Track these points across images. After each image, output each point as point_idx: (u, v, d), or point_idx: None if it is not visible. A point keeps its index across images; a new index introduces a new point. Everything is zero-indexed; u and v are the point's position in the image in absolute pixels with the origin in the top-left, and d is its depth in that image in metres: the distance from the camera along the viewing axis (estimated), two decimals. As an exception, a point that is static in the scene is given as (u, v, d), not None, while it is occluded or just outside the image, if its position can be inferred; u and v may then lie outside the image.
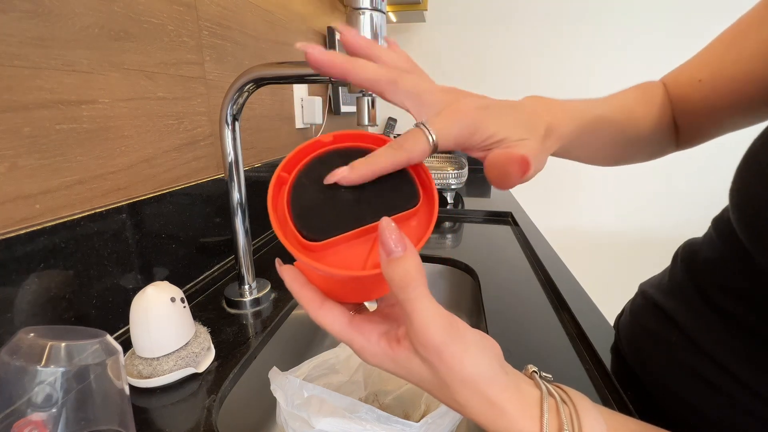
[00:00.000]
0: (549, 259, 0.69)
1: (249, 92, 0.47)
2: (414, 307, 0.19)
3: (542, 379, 0.23)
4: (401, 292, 0.19)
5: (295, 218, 0.22)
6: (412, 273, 0.19)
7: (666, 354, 0.34)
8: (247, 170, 0.72)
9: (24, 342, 0.24)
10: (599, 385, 0.40)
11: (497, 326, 0.50)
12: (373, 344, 0.22)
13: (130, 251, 0.47)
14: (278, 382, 0.36)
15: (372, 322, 0.23)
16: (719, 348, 0.30)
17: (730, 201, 0.30)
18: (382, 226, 0.20)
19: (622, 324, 0.45)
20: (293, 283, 0.23)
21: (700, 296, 0.33)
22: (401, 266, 0.19)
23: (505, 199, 1.18)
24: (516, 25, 1.54)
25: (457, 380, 0.20)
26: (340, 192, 0.23)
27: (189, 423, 0.35)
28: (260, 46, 0.77)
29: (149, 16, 0.49)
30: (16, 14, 0.35)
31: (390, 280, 0.19)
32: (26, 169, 0.36)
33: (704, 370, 0.30)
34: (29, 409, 0.23)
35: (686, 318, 0.33)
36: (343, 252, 0.22)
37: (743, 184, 0.28)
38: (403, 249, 0.19)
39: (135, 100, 0.48)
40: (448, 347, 0.19)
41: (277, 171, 0.24)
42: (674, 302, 0.35)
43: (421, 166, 0.25)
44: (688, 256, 0.37)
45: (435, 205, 0.24)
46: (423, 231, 0.23)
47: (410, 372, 0.21)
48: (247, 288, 0.55)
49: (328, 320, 0.23)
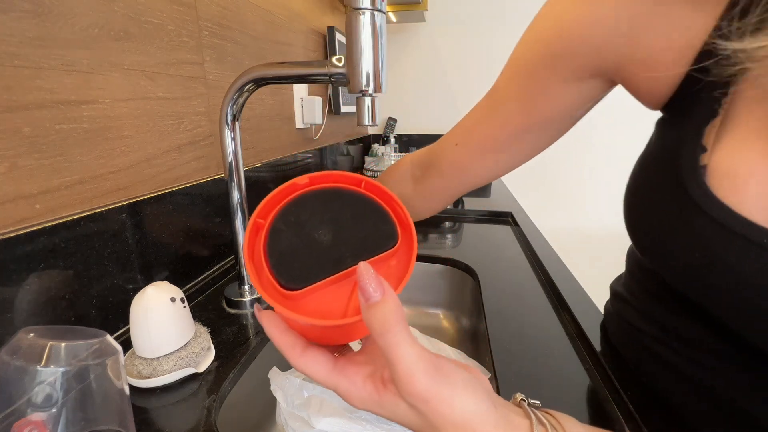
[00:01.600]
0: (549, 259, 0.69)
1: (249, 92, 0.47)
2: (395, 354, 0.19)
3: (531, 407, 0.23)
4: (381, 338, 0.19)
5: (272, 266, 0.21)
6: (391, 318, 0.19)
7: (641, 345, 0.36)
8: (247, 170, 0.72)
9: (24, 342, 0.24)
10: (599, 385, 0.40)
11: (497, 326, 0.50)
12: (359, 388, 0.22)
13: (130, 251, 0.47)
14: (278, 382, 0.36)
15: (356, 364, 0.23)
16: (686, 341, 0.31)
17: (629, 235, 0.33)
18: (360, 271, 0.20)
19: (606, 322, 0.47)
20: (272, 329, 0.23)
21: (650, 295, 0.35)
22: (380, 311, 0.19)
23: (505, 199, 1.18)
24: (516, 24, 1.54)
25: (447, 424, 0.19)
26: (318, 234, 0.23)
27: (189, 423, 0.35)
28: (260, 46, 0.77)
29: (149, 16, 0.49)
30: (16, 14, 0.35)
31: (369, 326, 0.19)
32: (26, 169, 0.36)
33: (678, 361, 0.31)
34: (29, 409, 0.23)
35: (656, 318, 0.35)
36: (323, 297, 0.22)
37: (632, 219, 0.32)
38: (382, 293, 0.19)
39: (135, 100, 0.48)
40: (435, 394, 0.19)
41: (253, 217, 0.23)
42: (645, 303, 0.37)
43: (397, 202, 0.25)
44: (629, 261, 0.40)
45: (414, 242, 0.24)
46: (403, 271, 0.23)
47: (397, 416, 0.21)
48: (247, 288, 0.55)
49: (311, 369, 0.22)
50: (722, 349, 0.28)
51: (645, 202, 0.29)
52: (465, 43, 1.63)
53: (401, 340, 0.19)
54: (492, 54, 1.61)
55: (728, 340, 0.27)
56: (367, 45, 0.39)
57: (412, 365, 0.19)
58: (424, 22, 1.61)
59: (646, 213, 0.29)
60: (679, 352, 0.31)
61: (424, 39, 1.66)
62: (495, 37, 1.59)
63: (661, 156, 0.28)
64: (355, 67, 0.40)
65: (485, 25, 1.59)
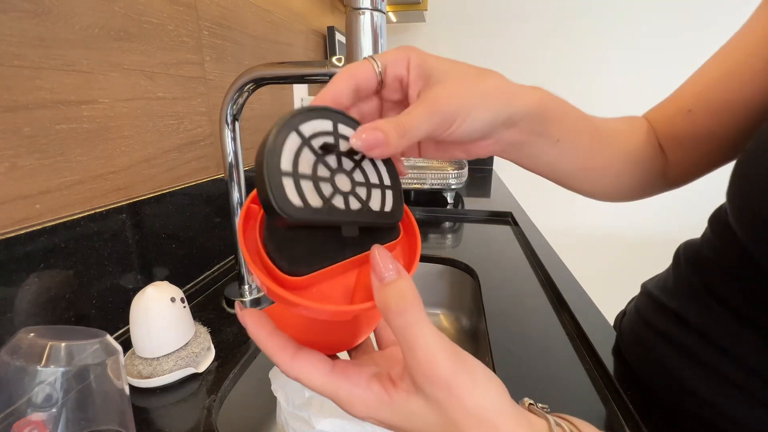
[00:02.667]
0: (549, 259, 0.69)
1: (249, 92, 0.47)
2: (415, 333, 0.17)
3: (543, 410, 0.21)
4: (398, 317, 0.17)
5: (271, 252, 0.19)
6: (409, 296, 0.17)
7: (680, 353, 0.34)
8: (247, 170, 0.72)
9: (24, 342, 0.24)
10: (599, 385, 0.40)
11: (497, 326, 0.50)
12: (364, 390, 0.19)
13: (130, 251, 0.47)
14: (279, 382, 0.36)
15: (358, 365, 0.20)
16: (734, 343, 0.30)
17: (728, 204, 0.30)
18: (374, 252, 0.19)
19: (624, 325, 0.45)
20: (258, 329, 0.20)
21: (708, 294, 0.33)
22: (396, 288, 0.17)
23: (505, 199, 1.18)
24: (516, 24, 1.54)
25: (467, 415, 0.17)
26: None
27: (189, 423, 0.35)
28: (260, 46, 0.77)
29: (149, 16, 0.49)
30: (16, 14, 0.35)
31: (384, 306, 0.18)
32: (26, 169, 0.36)
33: (721, 366, 0.30)
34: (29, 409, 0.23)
35: (697, 316, 0.33)
36: (325, 290, 0.20)
37: (738, 189, 0.28)
38: (397, 272, 0.18)
39: (135, 100, 0.48)
40: (457, 379, 0.17)
41: (246, 203, 0.22)
42: (682, 301, 0.35)
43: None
44: (692, 255, 0.37)
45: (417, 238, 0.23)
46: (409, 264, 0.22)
47: (410, 419, 0.18)
48: (247, 288, 0.55)
49: (306, 372, 0.19)
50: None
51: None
52: (465, 44, 1.63)
53: (421, 319, 0.17)
54: (492, 54, 1.61)
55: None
56: (367, 45, 0.39)
57: (435, 346, 0.17)
58: (424, 22, 1.61)
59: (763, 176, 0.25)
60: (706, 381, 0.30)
61: (424, 39, 1.66)
62: (495, 38, 1.59)
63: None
64: (355, 67, 0.40)
65: (485, 26, 1.59)
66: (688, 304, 0.35)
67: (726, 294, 0.31)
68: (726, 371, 0.30)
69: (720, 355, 0.31)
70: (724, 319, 0.31)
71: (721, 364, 0.30)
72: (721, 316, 0.31)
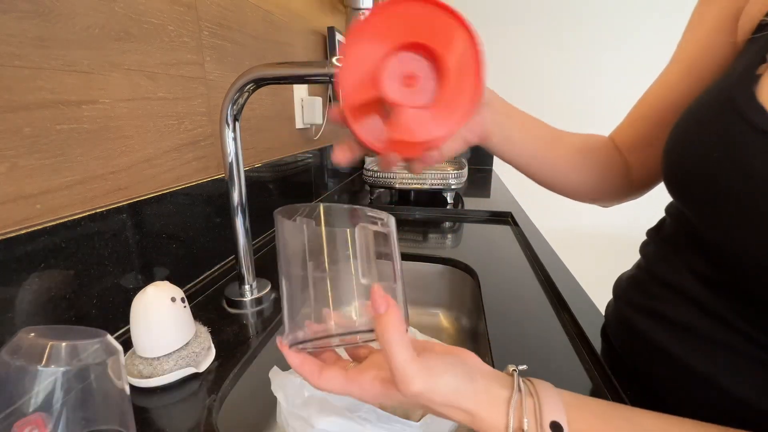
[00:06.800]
0: (549, 259, 0.69)
1: (249, 92, 0.47)
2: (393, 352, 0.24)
3: (518, 374, 0.27)
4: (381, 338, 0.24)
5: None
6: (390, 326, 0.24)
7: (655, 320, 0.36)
8: (247, 170, 0.72)
9: (24, 342, 0.24)
10: (599, 385, 0.40)
11: (497, 326, 0.50)
12: (369, 389, 0.27)
13: (130, 251, 0.47)
14: (279, 381, 0.36)
15: (362, 372, 0.28)
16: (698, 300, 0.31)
17: (662, 163, 0.33)
18: (373, 289, 0.26)
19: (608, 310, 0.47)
20: (295, 359, 0.28)
21: (675, 259, 0.35)
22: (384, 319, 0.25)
23: (505, 199, 1.18)
24: (516, 24, 1.54)
25: (437, 404, 0.25)
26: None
27: (189, 423, 0.35)
28: (260, 46, 0.77)
29: (150, 16, 0.49)
30: (17, 14, 0.35)
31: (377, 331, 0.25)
32: (27, 169, 0.36)
33: (693, 322, 0.32)
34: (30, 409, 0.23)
35: (664, 276, 0.35)
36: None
37: (666, 151, 0.32)
38: (386, 307, 0.25)
39: (135, 100, 0.48)
40: (425, 391, 0.24)
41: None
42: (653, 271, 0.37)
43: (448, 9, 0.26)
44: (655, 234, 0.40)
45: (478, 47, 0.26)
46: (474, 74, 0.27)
47: (403, 401, 0.27)
48: (247, 288, 0.56)
49: (330, 384, 0.28)
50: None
51: (692, 121, 0.30)
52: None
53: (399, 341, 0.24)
54: (491, 55, 1.61)
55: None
56: (367, 45, 0.39)
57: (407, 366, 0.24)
58: (424, 22, 1.61)
59: (689, 132, 0.30)
60: (679, 340, 0.32)
61: (424, 39, 1.66)
62: (494, 39, 1.60)
63: (718, 85, 0.29)
64: (356, 67, 0.40)
65: (485, 27, 1.58)
66: (657, 269, 0.37)
67: (687, 258, 0.33)
68: (696, 326, 0.31)
69: (691, 313, 0.32)
70: (688, 282, 0.33)
71: (693, 320, 0.32)
72: (685, 279, 0.33)
